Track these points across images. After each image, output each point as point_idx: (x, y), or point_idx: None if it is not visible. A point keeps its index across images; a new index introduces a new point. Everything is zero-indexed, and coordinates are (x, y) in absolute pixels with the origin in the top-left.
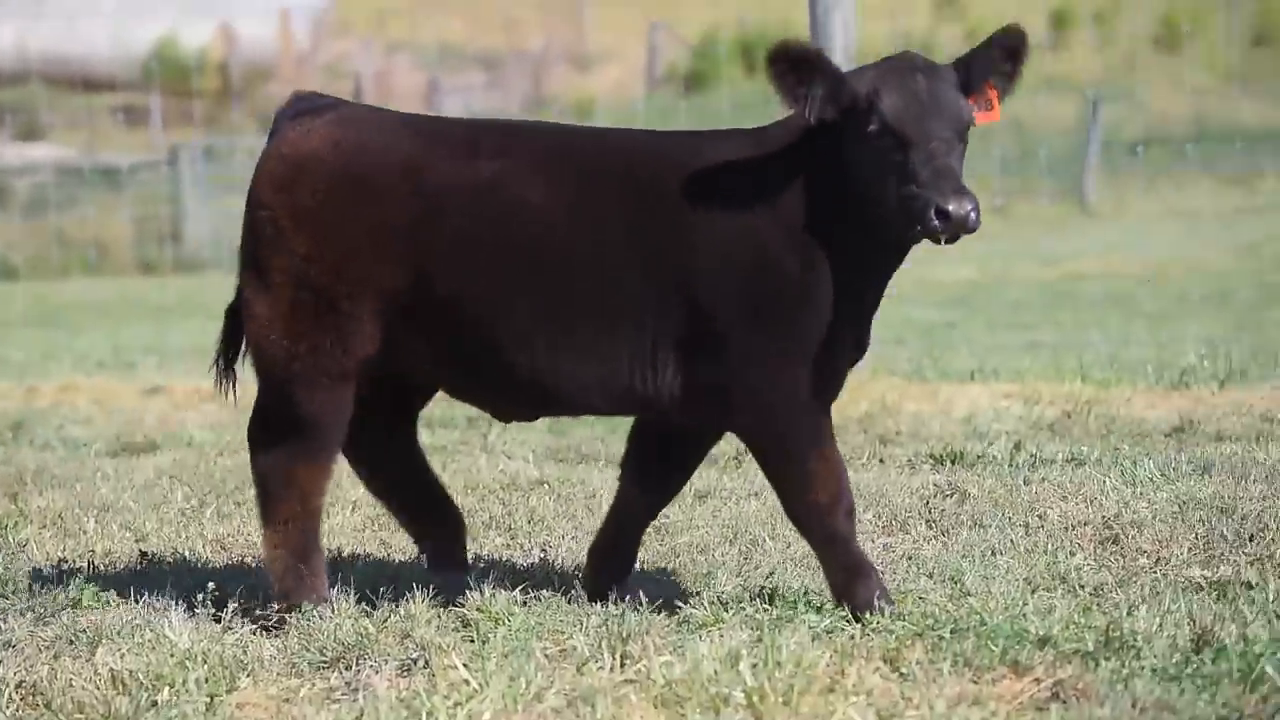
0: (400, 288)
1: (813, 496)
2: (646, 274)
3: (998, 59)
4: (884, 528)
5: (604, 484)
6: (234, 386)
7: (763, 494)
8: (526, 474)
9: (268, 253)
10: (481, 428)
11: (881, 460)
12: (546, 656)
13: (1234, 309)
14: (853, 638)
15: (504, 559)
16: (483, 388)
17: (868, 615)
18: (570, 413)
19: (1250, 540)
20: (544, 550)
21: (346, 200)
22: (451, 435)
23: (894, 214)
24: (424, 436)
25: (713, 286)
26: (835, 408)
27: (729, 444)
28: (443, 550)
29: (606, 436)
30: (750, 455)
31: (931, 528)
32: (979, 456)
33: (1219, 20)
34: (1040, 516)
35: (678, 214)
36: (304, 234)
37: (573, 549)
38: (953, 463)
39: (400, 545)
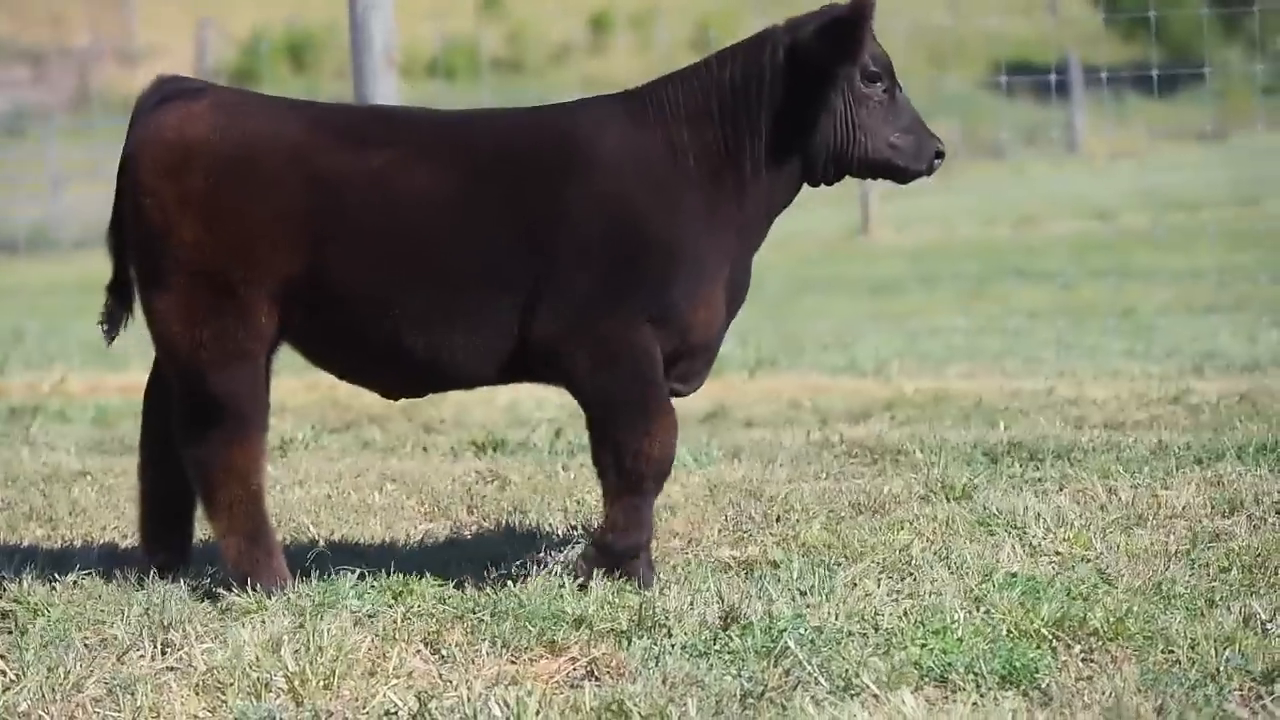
0: (293, 271)
1: (646, 446)
2: (524, 240)
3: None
4: (426, 514)
5: None
6: (119, 330)
7: (306, 483)
8: (69, 465)
9: (157, 243)
10: (24, 420)
11: (425, 449)
12: (86, 646)
13: (765, 300)
14: (394, 621)
15: (44, 550)
16: (378, 368)
17: (613, 564)
18: (462, 386)
19: (777, 521)
20: (86, 541)
21: (236, 185)
22: None
23: (880, 157)
24: None
25: (581, 245)
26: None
27: (273, 435)
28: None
29: None
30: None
31: (473, 513)
32: (520, 444)
33: (748, 25)
34: (578, 502)
35: (549, 179)
36: (193, 220)
37: (115, 539)
38: (494, 450)
39: None
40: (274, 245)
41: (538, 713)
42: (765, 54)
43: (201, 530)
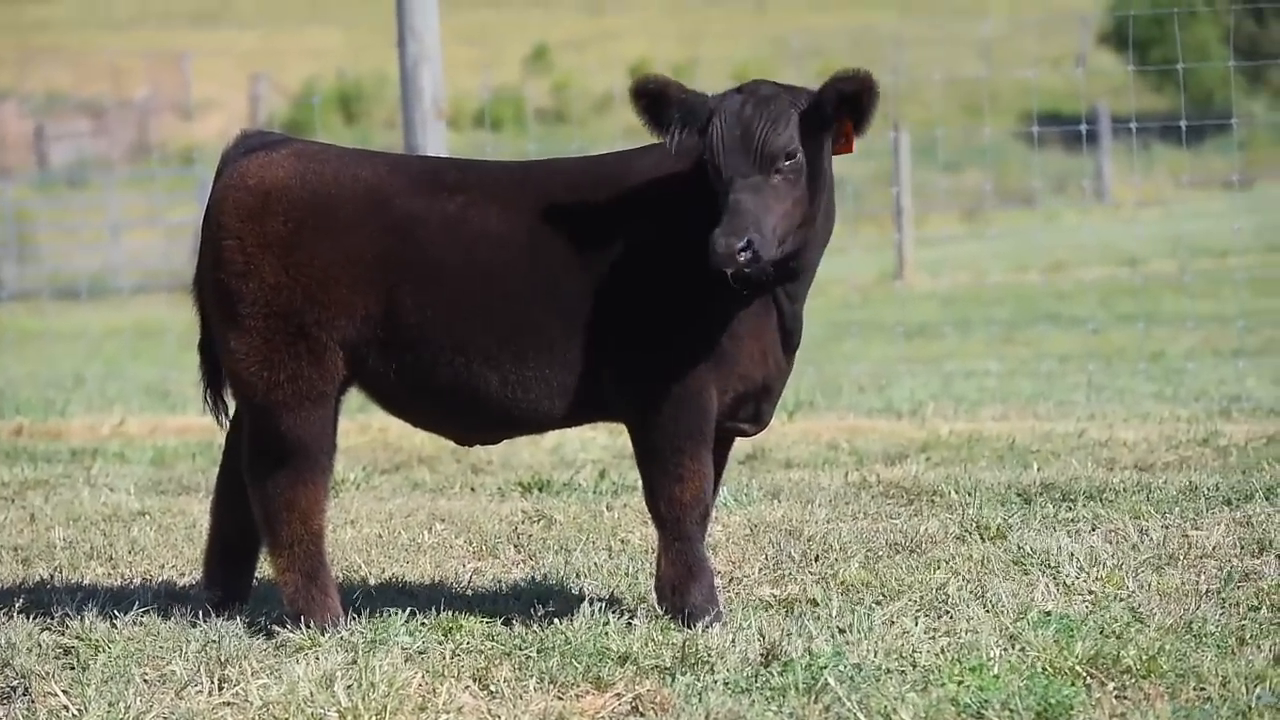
0: (369, 315)
1: (676, 492)
2: (587, 281)
3: (833, 101)
4: (474, 553)
5: (204, 513)
6: (226, 415)
7: (358, 523)
8: (128, 505)
9: (237, 283)
10: (85, 461)
11: (473, 489)
12: (146, 681)
13: (803, 344)
14: (444, 658)
15: (105, 588)
16: (451, 412)
17: (695, 617)
18: (535, 428)
19: (815, 560)
20: (145, 579)
21: (315, 229)
22: (54, 469)
23: None
24: (27, 470)
25: (625, 287)
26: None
27: None
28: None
29: (208, 469)
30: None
31: (520, 552)
32: (565, 484)
33: (783, 75)
34: (622, 541)
35: (606, 223)
36: (273, 262)
37: (173, 577)
38: (540, 490)
39: (6, 576)
40: (351, 288)
41: None
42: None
43: (260, 570)
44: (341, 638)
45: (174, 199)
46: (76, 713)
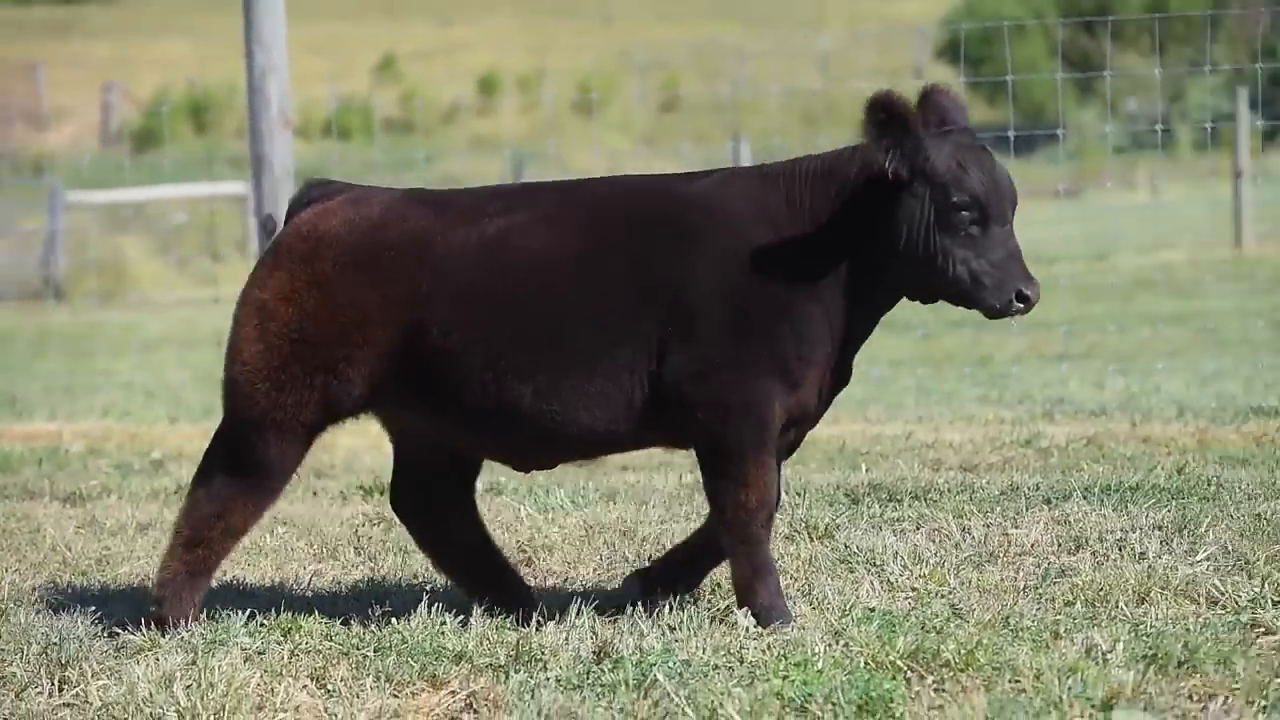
0: (408, 352)
1: (742, 497)
2: (644, 297)
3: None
4: (315, 555)
5: (48, 517)
6: None
7: None
8: None
9: (278, 304)
10: None
11: (315, 493)
12: None
13: None
14: (282, 658)
15: None
16: (502, 437)
17: (763, 618)
18: (585, 452)
19: (649, 560)
20: None
21: (361, 276)
22: None
23: (960, 284)
24: None
25: (701, 300)
26: None
27: (173, 480)
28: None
29: (53, 474)
30: None
31: (360, 554)
32: None
33: (628, 88)
34: None
35: (673, 243)
36: (318, 295)
37: (15, 581)
38: (381, 494)
39: None
40: (385, 327)
41: None
42: (873, 154)
43: (102, 573)
44: (181, 639)
45: (25, 208)
46: None
